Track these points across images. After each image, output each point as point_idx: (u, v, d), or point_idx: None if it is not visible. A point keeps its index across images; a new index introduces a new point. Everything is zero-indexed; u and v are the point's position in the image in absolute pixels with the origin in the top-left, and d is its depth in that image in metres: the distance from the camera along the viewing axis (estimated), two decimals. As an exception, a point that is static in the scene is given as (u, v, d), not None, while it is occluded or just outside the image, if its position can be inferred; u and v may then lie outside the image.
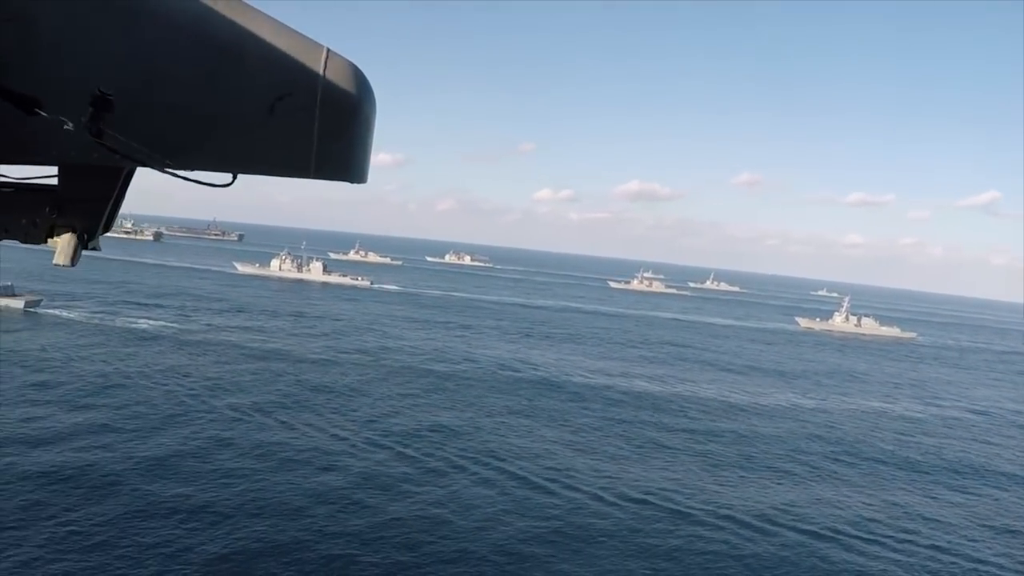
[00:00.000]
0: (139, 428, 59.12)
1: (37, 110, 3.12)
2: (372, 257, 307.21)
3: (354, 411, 69.76)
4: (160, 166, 3.38)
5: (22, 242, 3.90)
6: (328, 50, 3.36)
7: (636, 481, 56.94)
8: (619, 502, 52.14)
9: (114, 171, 3.75)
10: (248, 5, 3.36)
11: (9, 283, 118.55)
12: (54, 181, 3.79)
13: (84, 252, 3.88)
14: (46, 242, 3.84)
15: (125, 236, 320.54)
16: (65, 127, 3.05)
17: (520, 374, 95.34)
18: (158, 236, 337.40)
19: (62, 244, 3.75)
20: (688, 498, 54.27)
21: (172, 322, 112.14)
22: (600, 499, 52.38)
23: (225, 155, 3.46)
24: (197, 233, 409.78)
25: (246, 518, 43.51)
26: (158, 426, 60.09)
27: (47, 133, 3.26)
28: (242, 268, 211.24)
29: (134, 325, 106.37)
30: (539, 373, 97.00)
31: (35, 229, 3.82)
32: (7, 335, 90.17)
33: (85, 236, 3.80)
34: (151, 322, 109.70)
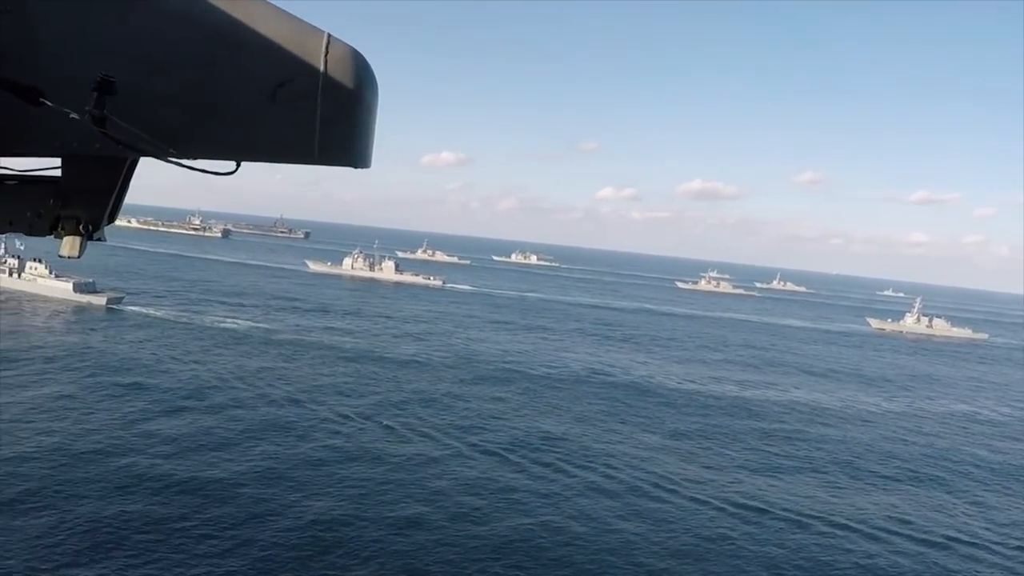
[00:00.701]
0: (243, 432, 57.02)
1: (41, 100, 3.13)
2: (440, 256, 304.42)
3: (454, 415, 67.78)
4: (163, 155, 3.41)
5: (27, 234, 3.94)
6: (329, 35, 3.38)
7: (744, 488, 55.64)
8: (729, 508, 51.00)
9: (117, 162, 3.77)
10: None
11: (91, 280, 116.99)
12: (58, 173, 3.84)
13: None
14: (51, 234, 3.89)
15: (194, 233, 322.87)
16: (69, 116, 3.05)
17: (611, 378, 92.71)
18: (226, 233, 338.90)
19: (67, 235, 3.82)
20: (798, 504, 53.07)
21: (258, 322, 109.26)
22: (710, 505, 51.25)
23: (228, 143, 3.50)
24: (264, 230, 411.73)
25: (365, 529, 42.06)
26: (261, 430, 57.96)
27: (50, 124, 3.32)
28: (314, 266, 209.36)
29: (220, 324, 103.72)
30: (628, 377, 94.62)
31: (40, 221, 3.89)
32: (93, 333, 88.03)
33: (90, 227, 3.86)
34: (238, 322, 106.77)
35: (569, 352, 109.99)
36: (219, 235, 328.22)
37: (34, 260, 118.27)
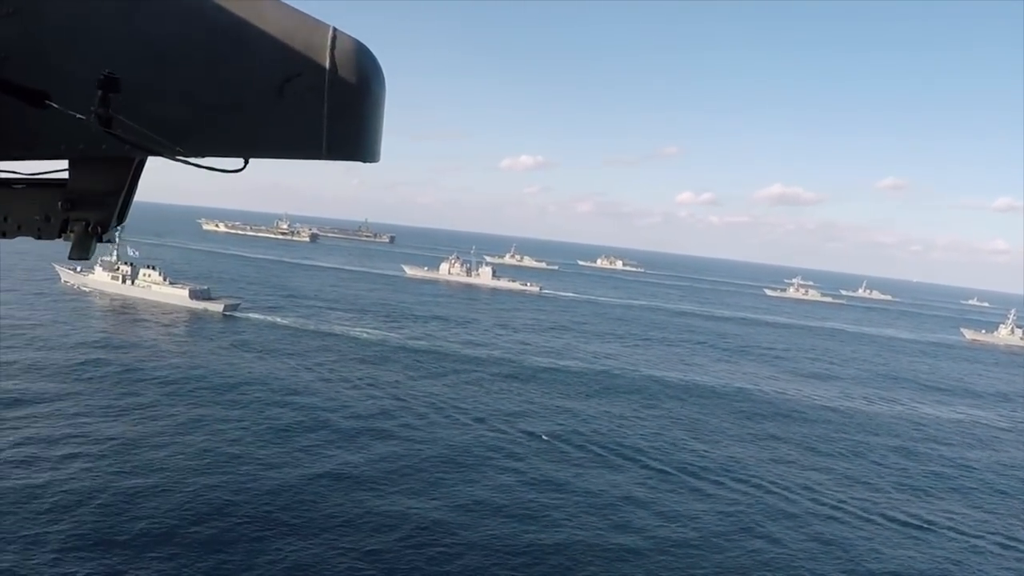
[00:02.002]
0: (395, 443, 55.87)
1: (47, 102, 3.15)
2: (527, 261, 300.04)
3: (606, 429, 65.86)
4: (171, 154, 3.43)
5: (36, 238, 3.98)
6: (335, 29, 3.40)
7: (914, 510, 54.55)
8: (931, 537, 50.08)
9: (124, 162, 3.78)
10: None
11: (206, 287, 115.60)
12: (65, 175, 3.85)
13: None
14: (60, 237, 3.92)
15: (282, 237, 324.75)
16: (75, 118, 3.06)
17: (747, 394, 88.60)
18: (314, 237, 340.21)
19: (76, 238, 3.85)
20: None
21: (381, 329, 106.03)
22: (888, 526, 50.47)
23: (236, 140, 3.50)
24: (349, 234, 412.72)
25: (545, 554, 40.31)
26: (416, 441, 56.73)
27: (56, 126, 3.35)
28: (411, 272, 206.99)
29: (347, 333, 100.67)
30: (760, 391, 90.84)
31: (48, 224, 3.92)
32: (218, 341, 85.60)
33: (99, 229, 3.86)
34: (367, 331, 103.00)
35: (694, 364, 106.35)
36: (307, 239, 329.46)
37: (148, 267, 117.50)
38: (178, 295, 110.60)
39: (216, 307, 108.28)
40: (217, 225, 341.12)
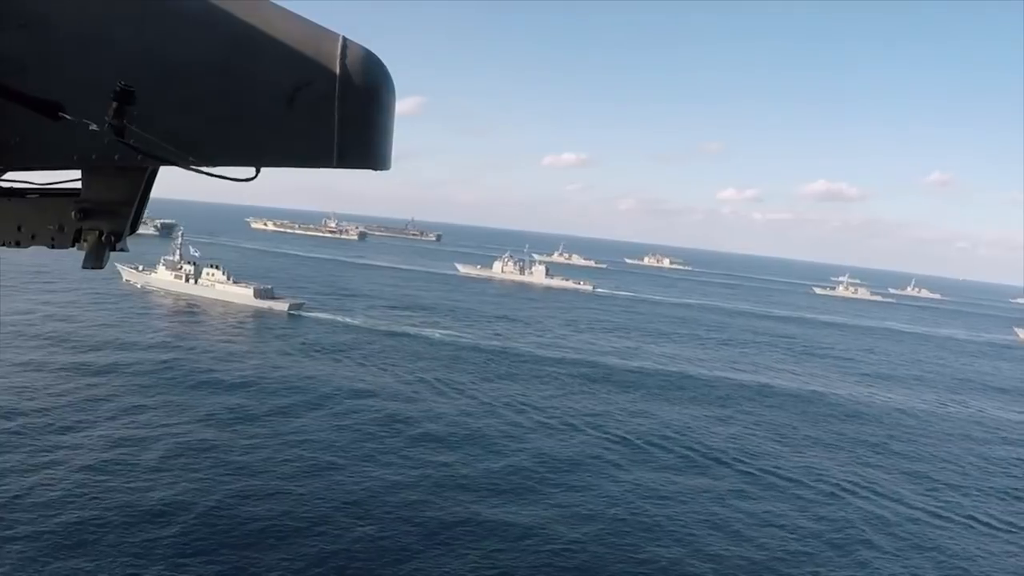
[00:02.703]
0: (484, 446, 54.57)
1: (60, 114, 3.17)
2: (576, 259, 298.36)
3: (690, 432, 64.67)
4: (184, 163, 3.46)
5: (50, 247, 4.02)
6: (344, 38, 3.41)
7: None
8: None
9: (137, 172, 3.82)
10: None
11: (269, 286, 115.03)
12: (79, 185, 3.89)
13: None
14: (74, 246, 3.97)
15: (330, 235, 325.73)
16: (89, 128, 3.09)
17: (827, 398, 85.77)
18: (362, 235, 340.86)
19: (90, 247, 3.88)
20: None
21: (447, 329, 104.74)
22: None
23: (247, 149, 3.53)
24: (396, 232, 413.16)
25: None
26: (508, 444, 55.35)
27: (69, 136, 3.37)
28: (464, 270, 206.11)
29: (416, 333, 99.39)
30: (835, 396, 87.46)
31: (62, 234, 3.97)
32: (280, 342, 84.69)
33: (112, 238, 3.89)
34: (436, 332, 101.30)
35: (763, 366, 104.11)
36: (356, 238, 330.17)
37: (211, 266, 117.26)
38: (242, 294, 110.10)
39: (281, 306, 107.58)
40: (265, 224, 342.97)
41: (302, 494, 42.26)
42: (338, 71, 3.31)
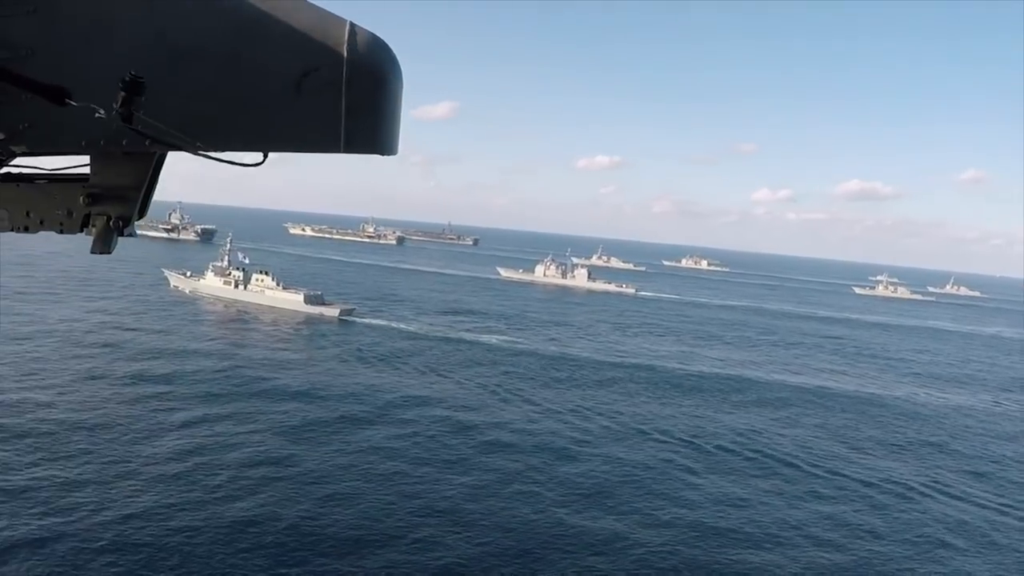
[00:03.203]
0: (556, 452, 53.82)
1: (67, 100, 3.20)
2: (615, 262, 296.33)
3: (760, 437, 63.69)
4: (191, 149, 3.44)
5: (58, 232, 4.05)
6: (351, 24, 3.41)
7: None
8: None
9: (145, 157, 3.85)
10: None
11: (319, 292, 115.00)
12: (87, 171, 3.93)
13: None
14: (82, 231, 3.96)
15: (368, 240, 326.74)
16: (96, 115, 3.10)
17: (883, 402, 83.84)
18: (401, 240, 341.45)
19: (98, 232, 3.88)
20: None
21: (504, 334, 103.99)
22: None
23: (255, 134, 3.53)
24: (433, 236, 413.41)
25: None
26: (579, 452, 54.43)
27: (77, 122, 3.39)
28: (506, 274, 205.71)
29: (473, 339, 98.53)
30: (895, 399, 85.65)
31: (70, 219, 4.00)
32: (336, 348, 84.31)
33: (120, 223, 3.91)
34: (492, 338, 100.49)
35: (818, 369, 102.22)
36: (394, 242, 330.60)
37: (260, 272, 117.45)
38: (293, 300, 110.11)
39: (332, 312, 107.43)
40: (303, 229, 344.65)
41: (388, 502, 41.80)
42: (346, 56, 3.29)
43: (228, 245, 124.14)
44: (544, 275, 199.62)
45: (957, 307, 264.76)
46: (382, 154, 3.57)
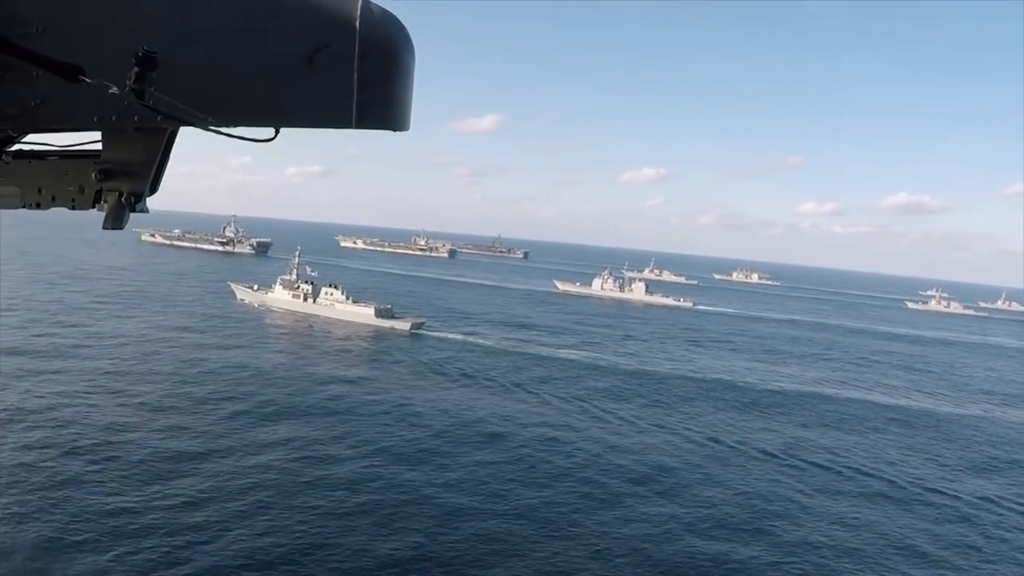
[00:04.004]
0: (674, 476, 53.03)
1: (80, 76, 3.25)
2: (667, 276, 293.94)
3: (862, 458, 62.65)
4: (203, 124, 3.47)
5: (70, 208, 4.05)
6: None
7: None
8: None
9: (157, 133, 3.85)
10: None
11: (389, 305, 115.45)
12: (99, 147, 3.94)
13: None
14: (94, 207, 3.97)
15: (420, 253, 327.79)
16: (109, 91, 3.10)
17: (961, 422, 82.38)
18: (452, 253, 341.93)
19: (110, 208, 3.89)
20: None
21: (582, 349, 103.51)
22: None
23: (266, 110, 3.53)
24: (484, 249, 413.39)
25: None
26: (690, 477, 53.36)
27: (89, 98, 3.41)
28: (563, 287, 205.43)
29: (553, 354, 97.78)
30: (976, 419, 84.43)
31: (82, 195, 4.01)
32: (414, 362, 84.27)
33: (132, 199, 3.92)
34: (574, 352, 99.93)
35: (892, 387, 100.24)
36: (446, 255, 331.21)
37: (329, 285, 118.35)
38: (363, 313, 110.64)
39: (403, 326, 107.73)
40: (355, 242, 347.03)
41: (525, 529, 41.42)
42: (357, 32, 3.28)
43: (296, 259, 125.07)
44: (602, 288, 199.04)
45: (1012, 323, 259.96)
46: (394, 130, 3.54)
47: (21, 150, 4.14)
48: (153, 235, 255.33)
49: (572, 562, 37.69)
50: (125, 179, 3.88)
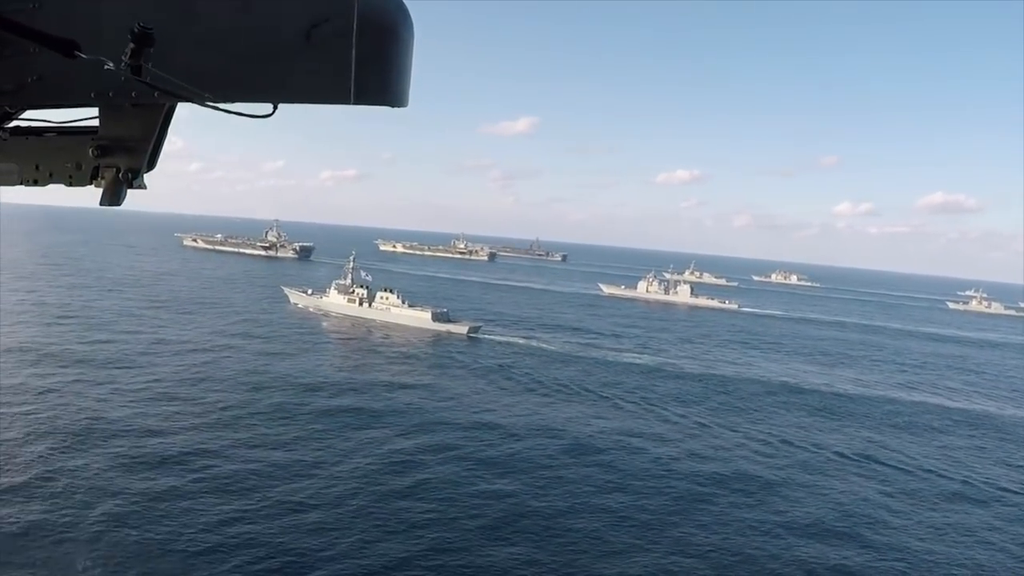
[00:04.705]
0: (758, 483, 52.84)
1: (77, 52, 3.17)
2: (707, 278, 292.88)
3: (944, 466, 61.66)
4: (200, 100, 3.45)
5: (67, 185, 4.06)
6: None
7: None
8: None
9: (155, 109, 3.82)
10: None
11: (445, 309, 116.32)
12: (96, 123, 3.94)
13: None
14: (91, 183, 3.97)
15: (460, 256, 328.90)
16: (105, 67, 3.07)
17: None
18: (492, 256, 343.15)
19: (107, 184, 3.89)
20: None
21: (645, 353, 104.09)
22: None
23: (264, 85, 3.50)
24: (522, 252, 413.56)
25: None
26: (780, 479, 53.23)
27: (86, 74, 3.38)
28: (608, 290, 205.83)
29: (617, 359, 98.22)
30: None
31: (80, 172, 4.01)
32: (476, 366, 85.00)
33: (129, 175, 3.91)
34: (640, 356, 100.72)
35: (952, 390, 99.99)
36: (486, 258, 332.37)
37: (384, 290, 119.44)
38: (420, 318, 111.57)
39: (460, 330, 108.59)
40: (394, 246, 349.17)
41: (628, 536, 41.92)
42: (356, 8, 3.27)
43: (351, 263, 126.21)
44: (647, 291, 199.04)
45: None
46: (392, 106, 3.56)
47: (18, 127, 4.20)
48: (195, 240, 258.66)
49: (682, 564, 38.26)
50: (122, 155, 3.92)
